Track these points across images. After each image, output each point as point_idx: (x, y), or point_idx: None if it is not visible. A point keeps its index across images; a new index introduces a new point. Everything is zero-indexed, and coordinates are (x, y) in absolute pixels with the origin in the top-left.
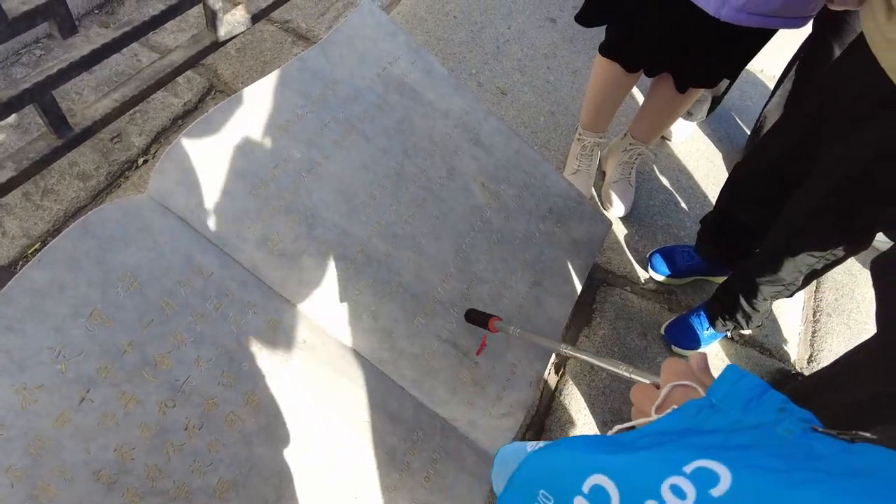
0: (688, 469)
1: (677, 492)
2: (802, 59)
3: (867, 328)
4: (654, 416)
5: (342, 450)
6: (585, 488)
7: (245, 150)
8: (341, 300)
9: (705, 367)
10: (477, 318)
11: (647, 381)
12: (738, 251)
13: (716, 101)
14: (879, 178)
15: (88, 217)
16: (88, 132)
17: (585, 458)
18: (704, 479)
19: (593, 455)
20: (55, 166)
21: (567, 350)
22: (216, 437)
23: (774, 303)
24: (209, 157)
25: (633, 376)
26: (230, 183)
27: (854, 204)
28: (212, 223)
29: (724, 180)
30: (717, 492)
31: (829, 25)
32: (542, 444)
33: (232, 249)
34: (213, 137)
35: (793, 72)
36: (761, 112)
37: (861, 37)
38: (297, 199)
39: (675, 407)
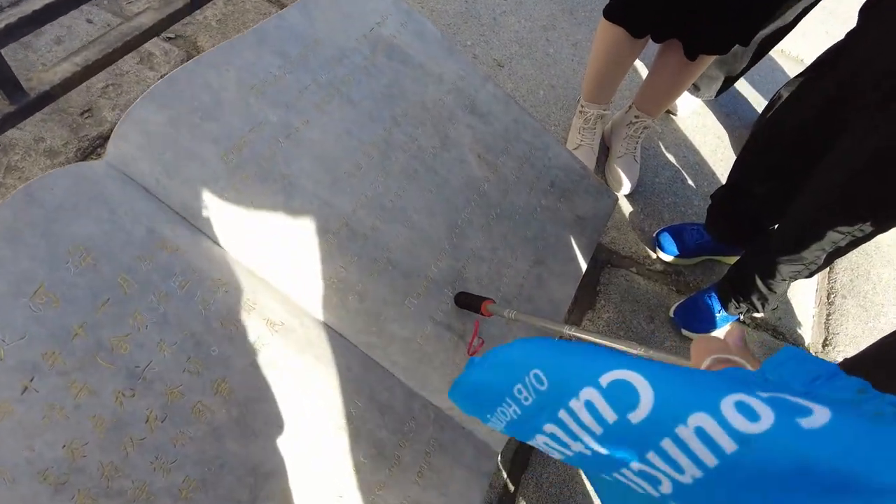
0: (764, 393)
1: (746, 411)
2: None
3: (884, 310)
4: None
5: (324, 444)
6: (604, 381)
7: (215, 112)
8: (324, 278)
9: (744, 346)
10: (468, 302)
11: (674, 361)
12: (751, 228)
13: (728, 81)
14: None
15: (32, 184)
16: (46, 98)
17: (612, 358)
18: (790, 408)
19: (623, 358)
20: (19, 141)
21: (572, 331)
22: (181, 431)
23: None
24: (175, 119)
25: (653, 359)
26: (199, 148)
27: (890, 175)
28: (178, 192)
29: (733, 156)
30: (810, 423)
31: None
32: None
33: (201, 221)
34: (179, 98)
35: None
36: (778, 91)
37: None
38: (274, 167)
39: None
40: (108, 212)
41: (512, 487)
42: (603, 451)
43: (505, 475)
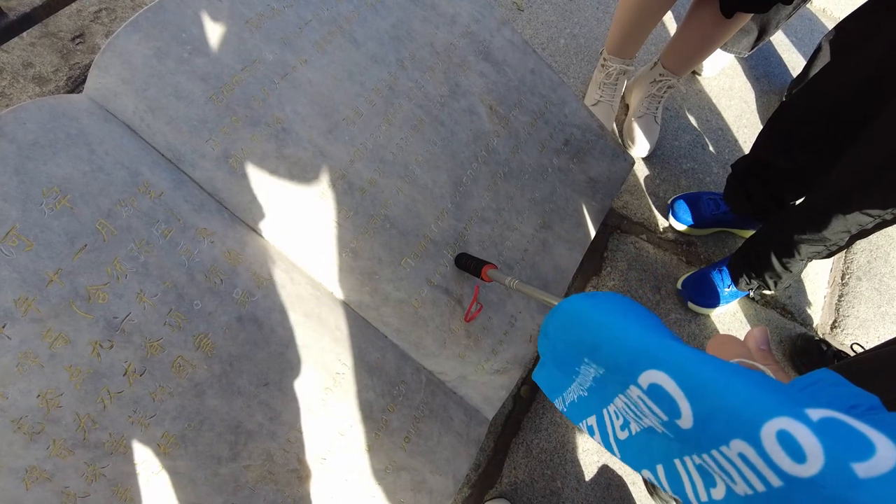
0: (814, 415)
1: (790, 445)
2: None
3: None
4: None
5: (309, 405)
6: (643, 382)
7: (206, 46)
8: (316, 233)
9: (767, 350)
10: (468, 265)
11: None
12: (772, 203)
13: (762, 35)
14: None
15: (3, 116)
16: (27, 20)
17: (639, 339)
18: (845, 444)
19: (650, 334)
20: (7, 66)
21: None
22: (161, 385)
23: None
24: (161, 52)
25: None
26: (187, 85)
27: None
28: (163, 133)
29: (759, 124)
30: (868, 470)
31: None
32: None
33: (187, 165)
34: (167, 28)
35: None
36: (818, 45)
37: None
38: (267, 110)
39: None
40: (87, 151)
41: (501, 452)
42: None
43: (494, 440)
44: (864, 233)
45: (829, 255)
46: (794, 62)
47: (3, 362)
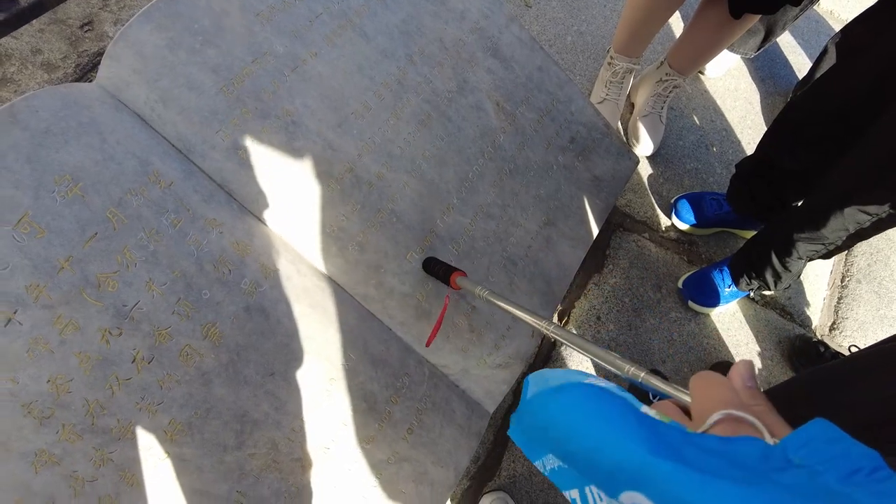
0: None
1: None
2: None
3: None
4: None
5: (315, 394)
6: (625, 500)
7: (217, 38)
8: (323, 226)
9: (754, 388)
10: (437, 271)
11: (671, 397)
12: (775, 203)
13: (769, 36)
14: None
15: (16, 104)
16: (39, 7)
17: (618, 451)
18: None
19: (630, 446)
20: (16, 52)
21: (552, 330)
22: (169, 373)
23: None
24: (173, 43)
25: (645, 384)
26: (198, 76)
27: None
28: (174, 123)
29: (763, 125)
30: None
31: None
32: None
33: (197, 156)
34: (179, 19)
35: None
36: (823, 48)
37: None
38: (277, 102)
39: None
40: (98, 140)
41: (500, 446)
42: None
43: (494, 433)
44: (862, 233)
45: (828, 255)
46: (800, 64)
47: (15, 347)
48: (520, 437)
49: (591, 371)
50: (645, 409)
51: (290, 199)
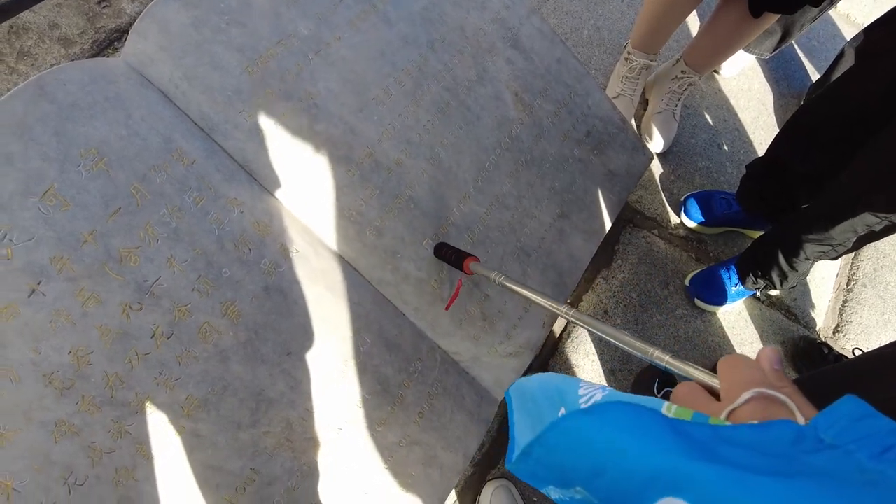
0: None
1: None
2: None
3: None
4: (726, 423)
5: (330, 376)
6: None
7: (243, 18)
8: (342, 209)
9: (780, 371)
10: (449, 256)
11: (698, 380)
12: (785, 204)
13: (785, 37)
14: None
15: (44, 76)
16: None
17: (655, 460)
18: None
19: (667, 455)
20: (33, 26)
21: (570, 314)
22: (187, 349)
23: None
24: (199, 21)
25: (670, 368)
26: (223, 55)
27: None
28: (198, 102)
29: (775, 126)
30: None
31: None
32: (598, 389)
33: (220, 135)
34: None
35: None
36: (840, 51)
37: None
38: (300, 85)
39: (754, 423)
40: (124, 115)
41: (505, 434)
42: None
43: (499, 422)
44: (871, 235)
45: (835, 257)
46: (814, 67)
47: (38, 318)
48: (527, 468)
49: (564, 374)
50: (666, 407)
51: (310, 181)
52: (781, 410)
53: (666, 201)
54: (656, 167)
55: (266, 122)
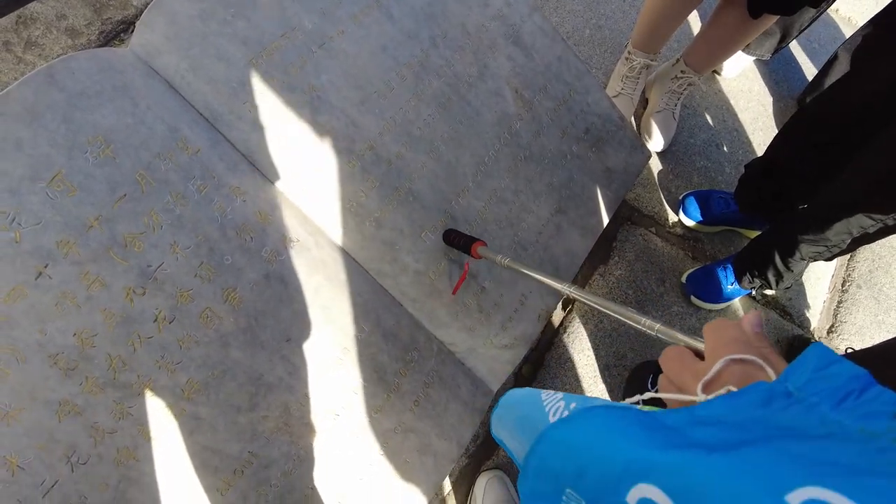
0: (793, 499)
1: None
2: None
3: None
4: (701, 397)
5: (328, 363)
6: (631, 500)
7: (248, 11)
8: (343, 201)
9: (761, 333)
10: (457, 241)
11: (685, 344)
12: (782, 205)
13: (784, 38)
14: None
15: (55, 65)
16: None
17: (626, 453)
18: None
19: (636, 448)
20: (41, 16)
21: (573, 291)
22: (188, 334)
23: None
24: (206, 13)
25: (661, 335)
26: (228, 47)
27: None
28: (203, 92)
29: (774, 127)
30: None
31: None
32: (560, 399)
33: (224, 126)
34: None
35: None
36: (833, 54)
37: None
38: (304, 77)
39: (732, 388)
40: (131, 104)
41: None
42: None
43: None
44: (865, 237)
45: (830, 258)
46: (815, 69)
47: (45, 300)
48: (529, 492)
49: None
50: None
51: (312, 172)
52: (758, 371)
53: (664, 200)
54: (655, 166)
55: (269, 114)
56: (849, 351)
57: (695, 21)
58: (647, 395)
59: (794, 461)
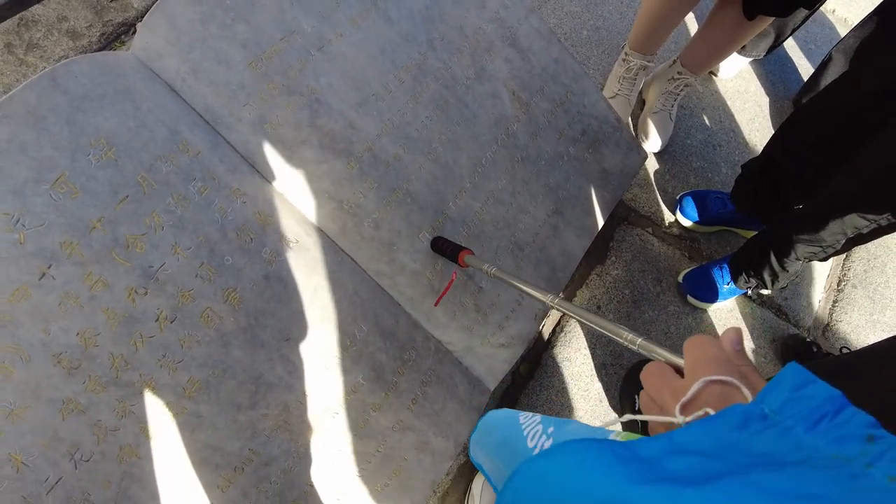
0: None
1: None
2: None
3: (892, 304)
4: (680, 419)
5: (326, 363)
6: None
7: (248, 14)
8: (341, 202)
9: (741, 350)
10: (445, 249)
11: (665, 360)
12: (778, 205)
13: (779, 39)
14: None
15: (58, 68)
16: None
17: (603, 489)
18: None
19: (613, 483)
20: (42, 18)
21: (556, 304)
22: (190, 333)
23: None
24: (206, 16)
25: (642, 350)
26: (228, 51)
27: None
28: (203, 95)
29: (770, 128)
30: None
31: None
32: (538, 423)
33: (224, 128)
34: None
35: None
36: (827, 55)
37: None
38: (302, 80)
39: (710, 411)
40: (132, 107)
41: None
42: None
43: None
44: (859, 238)
45: (825, 258)
46: (811, 70)
47: (48, 300)
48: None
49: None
50: (614, 435)
51: (311, 174)
52: (736, 392)
53: (661, 200)
54: (652, 166)
55: (269, 116)
56: (844, 351)
57: (691, 22)
58: (626, 418)
59: (768, 497)
